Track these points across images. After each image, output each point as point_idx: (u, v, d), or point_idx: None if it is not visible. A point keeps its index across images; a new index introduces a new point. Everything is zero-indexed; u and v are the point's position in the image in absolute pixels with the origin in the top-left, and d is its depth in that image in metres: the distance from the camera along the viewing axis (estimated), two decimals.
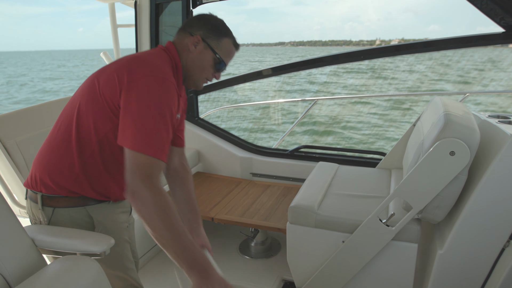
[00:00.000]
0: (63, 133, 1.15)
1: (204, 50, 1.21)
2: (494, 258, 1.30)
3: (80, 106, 1.13)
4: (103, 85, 1.08)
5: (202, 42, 1.20)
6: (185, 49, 1.21)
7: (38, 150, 1.24)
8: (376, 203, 1.55)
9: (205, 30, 1.20)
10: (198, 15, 1.25)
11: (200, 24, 1.21)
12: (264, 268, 2.09)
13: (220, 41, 1.22)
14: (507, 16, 1.71)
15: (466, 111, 1.47)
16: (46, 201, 1.18)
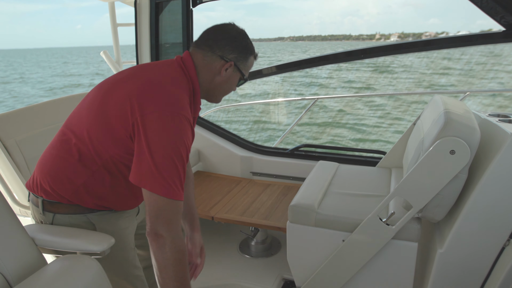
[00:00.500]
0: (66, 144, 1.12)
1: (233, 73, 1.18)
2: (494, 257, 1.30)
3: (86, 123, 1.09)
4: (113, 109, 1.03)
5: (234, 66, 1.17)
6: (213, 73, 1.16)
7: (42, 153, 1.23)
8: (376, 202, 1.55)
9: (237, 54, 1.16)
10: (225, 31, 1.17)
11: (232, 46, 1.15)
12: (264, 267, 2.09)
13: (247, 61, 1.20)
14: (507, 15, 1.71)
15: (466, 110, 1.47)
16: (47, 206, 1.17)
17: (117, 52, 2.89)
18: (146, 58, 2.75)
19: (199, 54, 1.16)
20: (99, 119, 1.05)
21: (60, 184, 1.12)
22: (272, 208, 2.07)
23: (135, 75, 1.09)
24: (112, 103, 1.04)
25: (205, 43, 1.16)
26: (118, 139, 1.03)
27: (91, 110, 1.09)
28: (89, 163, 1.09)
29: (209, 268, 2.11)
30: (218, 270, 2.09)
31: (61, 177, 1.12)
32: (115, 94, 1.05)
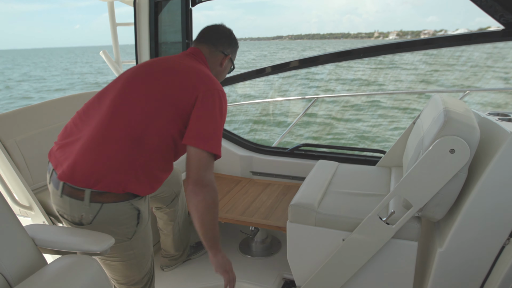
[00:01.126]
0: (123, 131, 1.20)
1: (228, 64, 1.52)
2: (494, 256, 1.30)
3: (146, 106, 1.23)
4: (178, 92, 1.25)
5: (228, 58, 1.50)
6: (217, 64, 1.48)
7: (82, 145, 1.22)
8: (376, 201, 1.55)
9: (231, 48, 1.50)
10: (222, 31, 1.49)
11: (228, 43, 1.48)
12: (264, 267, 2.10)
13: (235, 53, 1.55)
14: (506, 13, 1.71)
15: (466, 109, 1.47)
16: (95, 197, 1.19)
17: (116, 52, 2.89)
18: (145, 58, 2.75)
19: (206, 49, 1.45)
20: (161, 100, 1.23)
21: (124, 173, 1.19)
22: (272, 208, 2.07)
23: (180, 66, 1.33)
24: (175, 88, 1.25)
25: (209, 40, 1.46)
26: (178, 116, 1.23)
27: (148, 95, 1.24)
28: (149, 144, 1.21)
29: (209, 267, 2.11)
30: None
31: (124, 166, 1.19)
32: (176, 82, 1.26)
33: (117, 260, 1.32)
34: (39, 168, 2.02)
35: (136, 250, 1.32)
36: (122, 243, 1.27)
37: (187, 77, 1.28)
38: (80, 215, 1.22)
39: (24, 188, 1.87)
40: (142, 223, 1.31)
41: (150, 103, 1.23)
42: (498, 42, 1.88)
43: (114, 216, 1.23)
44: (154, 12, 2.62)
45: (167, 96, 1.24)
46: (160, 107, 1.23)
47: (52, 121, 2.16)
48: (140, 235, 1.31)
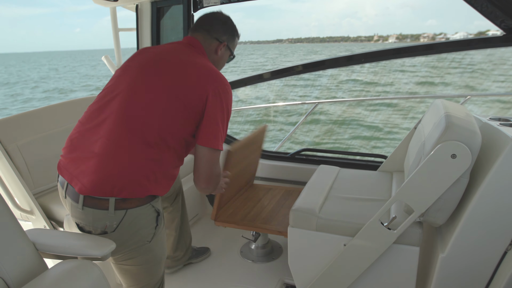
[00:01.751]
0: (139, 137, 1.19)
1: (225, 52, 1.45)
2: (497, 261, 1.29)
3: (158, 110, 1.21)
4: (187, 94, 1.23)
5: (225, 46, 1.43)
6: (212, 52, 1.41)
7: (99, 158, 1.19)
8: (377, 206, 1.54)
9: (228, 35, 1.43)
10: (217, 17, 1.43)
11: (224, 29, 1.42)
12: (265, 272, 2.09)
13: (234, 41, 1.47)
14: (507, 19, 1.71)
15: (467, 114, 1.47)
16: (119, 205, 1.19)
17: (118, 57, 2.90)
18: None
19: (200, 37, 1.40)
20: (173, 102, 1.22)
21: (144, 178, 1.20)
22: (273, 213, 2.07)
23: (186, 63, 1.29)
24: (185, 90, 1.23)
25: (202, 27, 1.41)
26: (191, 118, 1.24)
27: (160, 97, 1.22)
28: (164, 146, 1.23)
29: (210, 272, 2.11)
30: (219, 274, 2.08)
31: (143, 171, 1.20)
32: (185, 84, 1.24)
33: (134, 264, 1.31)
34: (41, 173, 2.02)
35: (154, 253, 1.32)
36: (142, 246, 1.28)
37: (196, 77, 1.26)
38: (105, 224, 1.20)
39: (25, 193, 1.87)
40: (161, 225, 1.32)
41: (162, 107, 1.22)
42: (499, 47, 1.88)
43: (136, 220, 1.23)
44: (156, 17, 2.64)
45: (179, 99, 1.23)
46: (173, 110, 1.22)
47: (54, 126, 2.16)
48: (158, 237, 1.32)
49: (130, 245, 1.25)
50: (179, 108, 1.22)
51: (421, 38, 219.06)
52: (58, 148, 2.12)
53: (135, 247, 1.26)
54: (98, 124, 1.24)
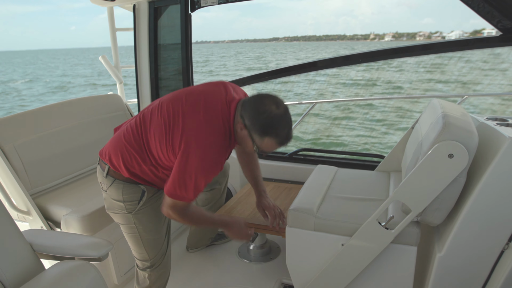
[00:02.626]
0: (138, 141, 1.46)
1: (247, 137, 1.39)
2: (494, 261, 1.29)
3: (151, 131, 1.43)
4: (170, 136, 1.38)
5: (246, 130, 1.37)
6: (237, 126, 1.40)
7: (117, 133, 1.56)
8: (375, 206, 1.55)
9: (251, 124, 1.35)
10: (258, 101, 1.36)
11: (251, 116, 1.35)
12: (263, 272, 2.09)
13: (262, 138, 1.36)
14: (504, 19, 1.72)
15: (464, 114, 1.47)
16: (111, 173, 1.51)
17: (115, 57, 2.89)
18: (144, 62, 2.76)
19: (238, 108, 1.41)
20: (161, 136, 1.40)
21: (129, 164, 1.47)
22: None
23: (192, 112, 1.39)
24: (171, 131, 1.38)
25: (244, 101, 1.40)
26: (167, 156, 1.41)
27: (158, 126, 1.42)
28: (149, 160, 1.46)
29: (208, 273, 2.10)
30: (217, 275, 2.08)
31: (132, 161, 1.47)
32: (175, 123, 1.38)
33: (124, 230, 1.60)
34: (38, 173, 2.01)
35: (136, 228, 1.56)
36: (125, 215, 1.54)
37: (182, 129, 1.38)
38: (100, 182, 1.56)
39: (22, 193, 1.86)
40: (146, 203, 1.54)
41: (152, 127, 1.46)
42: (496, 47, 1.89)
43: (122, 191, 1.51)
44: (154, 17, 2.63)
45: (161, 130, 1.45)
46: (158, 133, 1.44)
47: (51, 126, 2.16)
48: (142, 215, 1.54)
49: (115, 208, 1.54)
50: (163, 140, 1.40)
51: (417, 36, 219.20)
52: (55, 148, 2.13)
53: (119, 213, 1.55)
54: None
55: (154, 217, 1.58)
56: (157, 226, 1.61)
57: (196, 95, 1.44)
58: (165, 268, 1.71)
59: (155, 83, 2.81)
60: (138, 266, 1.68)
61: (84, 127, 2.32)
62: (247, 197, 2.22)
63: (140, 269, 1.68)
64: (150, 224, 1.58)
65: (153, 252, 1.63)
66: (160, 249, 1.65)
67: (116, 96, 2.69)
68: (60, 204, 1.90)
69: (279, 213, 1.82)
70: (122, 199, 1.51)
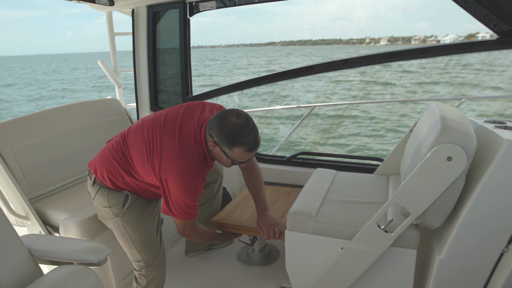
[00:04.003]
0: (122, 158, 1.59)
1: (219, 152, 1.51)
2: (493, 263, 1.29)
3: (133, 152, 1.57)
4: (151, 162, 1.51)
5: (217, 146, 1.49)
6: (209, 145, 1.52)
7: (106, 145, 1.69)
8: (374, 209, 1.55)
9: (218, 138, 1.46)
10: (221, 117, 1.47)
11: (216, 132, 1.46)
12: (263, 276, 2.08)
13: (232, 149, 1.46)
14: (501, 23, 1.73)
15: (462, 116, 1.48)
16: (97, 182, 1.63)
17: (114, 61, 2.90)
18: (143, 66, 2.76)
19: (207, 128, 1.52)
20: (142, 160, 1.53)
21: (113, 176, 1.59)
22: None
23: (168, 139, 1.51)
24: (150, 157, 1.51)
25: (210, 120, 1.51)
26: (152, 177, 1.53)
27: (140, 149, 1.54)
28: (134, 176, 1.60)
29: (207, 277, 2.10)
30: (216, 279, 2.07)
31: (115, 173, 1.59)
32: (154, 150, 1.51)
33: (116, 234, 1.68)
34: (36, 177, 2.01)
35: (125, 230, 1.64)
36: (112, 219, 1.63)
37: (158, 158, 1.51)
38: (88, 191, 1.68)
39: (21, 198, 1.86)
40: (131, 206, 1.63)
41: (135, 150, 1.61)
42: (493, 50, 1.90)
43: (106, 198, 1.61)
44: (152, 21, 2.64)
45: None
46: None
47: (49, 131, 2.15)
48: (129, 217, 1.63)
49: (104, 214, 1.64)
50: (144, 163, 1.54)
51: (412, 40, 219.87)
52: (53, 152, 2.12)
53: (108, 218, 1.64)
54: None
55: (140, 217, 1.67)
56: (145, 226, 1.69)
57: (173, 121, 1.56)
58: (160, 268, 1.76)
59: (154, 87, 2.81)
60: (134, 268, 1.75)
61: (83, 132, 2.32)
62: (246, 201, 2.21)
63: (136, 271, 1.74)
64: (137, 224, 1.66)
65: (145, 252, 1.69)
66: (152, 248, 1.71)
67: (115, 100, 2.69)
68: (58, 208, 1.90)
69: (274, 231, 1.81)
70: (107, 204, 1.61)
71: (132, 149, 1.57)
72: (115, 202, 1.61)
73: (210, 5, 2.45)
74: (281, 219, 1.98)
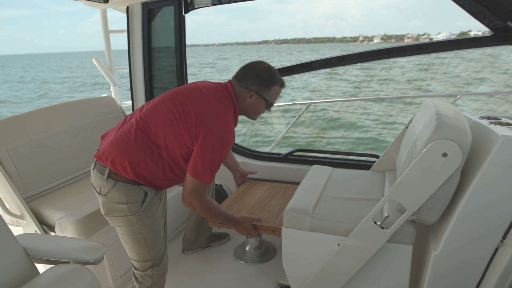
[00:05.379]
0: (144, 138, 1.49)
1: (258, 100, 1.62)
2: (488, 258, 1.31)
3: (163, 128, 1.49)
4: (183, 123, 1.47)
5: (256, 94, 1.60)
6: (242, 99, 1.62)
7: (114, 136, 1.53)
8: (370, 205, 1.55)
9: (258, 85, 1.59)
10: (249, 68, 1.61)
11: (253, 80, 1.59)
12: (260, 273, 2.08)
13: (270, 90, 1.61)
14: (495, 19, 1.74)
15: (458, 113, 1.49)
16: (112, 175, 1.48)
17: (109, 59, 2.88)
18: (138, 63, 2.75)
19: (236, 85, 1.63)
20: (172, 127, 1.48)
21: (136, 164, 1.48)
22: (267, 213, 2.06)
23: (198, 98, 1.54)
24: (183, 120, 1.48)
25: (237, 77, 1.63)
26: (183, 144, 1.49)
27: (167, 119, 1.49)
28: (159, 155, 1.50)
29: (204, 274, 2.10)
30: (213, 276, 2.08)
31: (139, 161, 1.48)
32: (185, 114, 1.49)
33: (121, 232, 1.58)
34: (31, 176, 2.00)
35: (137, 229, 1.54)
36: (127, 217, 1.52)
37: (194, 115, 1.49)
38: (99, 186, 1.51)
39: (16, 197, 1.85)
40: (150, 205, 1.55)
41: (162, 123, 1.53)
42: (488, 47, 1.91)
43: (124, 193, 1.49)
44: (147, 19, 2.62)
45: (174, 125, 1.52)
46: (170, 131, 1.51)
47: (44, 129, 2.14)
48: (145, 216, 1.55)
49: (116, 211, 1.51)
50: (174, 131, 1.48)
51: (405, 38, 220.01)
52: (49, 151, 2.11)
53: (121, 216, 1.52)
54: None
55: (156, 216, 1.61)
56: (158, 225, 1.64)
57: (195, 87, 1.60)
58: (165, 267, 1.73)
59: (149, 85, 2.80)
60: (137, 268, 1.65)
61: (78, 130, 2.31)
62: (242, 197, 2.21)
63: (139, 271, 1.65)
64: (152, 224, 1.59)
65: (154, 252, 1.63)
66: (160, 248, 1.66)
67: (110, 98, 2.68)
68: (54, 207, 1.89)
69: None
70: (125, 200, 1.49)
71: (158, 125, 1.50)
72: (134, 199, 1.50)
73: (206, 2, 2.44)
74: (277, 216, 1.98)
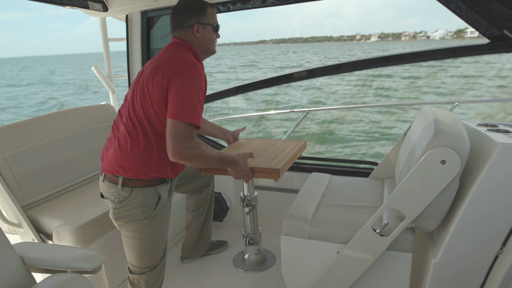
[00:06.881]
0: (138, 130, 1.47)
1: (204, 29, 1.59)
2: (488, 265, 1.30)
3: (142, 105, 1.46)
4: (154, 84, 1.43)
5: (199, 24, 1.57)
6: (193, 38, 1.59)
7: (114, 150, 1.51)
8: (369, 213, 1.55)
9: (195, 16, 1.56)
10: (177, 11, 1.58)
11: (188, 15, 1.56)
12: (259, 281, 2.07)
13: (206, 13, 1.59)
14: (491, 27, 1.76)
15: (456, 120, 1.49)
16: (126, 183, 1.48)
17: (108, 67, 2.89)
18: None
19: (179, 33, 1.59)
20: (143, 96, 1.46)
21: (144, 164, 1.47)
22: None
23: (158, 59, 1.52)
24: (153, 80, 1.44)
25: (175, 25, 1.59)
26: (159, 100, 1.43)
27: (143, 94, 1.47)
28: (158, 132, 1.47)
29: (203, 282, 2.08)
30: (212, 285, 2.06)
31: (144, 159, 1.47)
32: (151, 74, 1.45)
33: (128, 236, 1.56)
34: (29, 184, 1.99)
35: (147, 234, 1.54)
36: (137, 221, 1.52)
37: (166, 64, 1.46)
38: (111, 198, 1.51)
39: (13, 205, 1.83)
40: (161, 208, 1.56)
41: (139, 94, 1.50)
42: (484, 55, 1.92)
43: (139, 200, 1.50)
44: (147, 27, 2.64)
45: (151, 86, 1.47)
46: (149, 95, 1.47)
47: (42, 137, 2.13)
48: (156, 220, 1.55)
49: (129, 217, 1.51)
50: (159, 97, 1.44)
51: (402, 36, 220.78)
52: (47, 159, 2.10)
53: (133, 220, 1.51)
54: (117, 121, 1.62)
55: (166, 221, 1.65)
56: (165, 229, 1.66)
57: (156, 57, 1.57)
58: (162, 270, 1.72)
59: None
60: (133, 272, 1.64)
61: (77, 138, 2.30)
62: (237, 149, 2.19)
63: (136, 274, 1.63)
64: (161, 228, 1.62)
65: (157, 255, 1.64)
66: (162, 251, 1.67)
67: (109, 106, 2.68)
68: (52, 216, 1.88)
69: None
70: (141, 204, 1.50)
71: (138, 110, 1.49)
72: (149, 202, 1.51)
73: None
74: (273, 160, 1.87)
